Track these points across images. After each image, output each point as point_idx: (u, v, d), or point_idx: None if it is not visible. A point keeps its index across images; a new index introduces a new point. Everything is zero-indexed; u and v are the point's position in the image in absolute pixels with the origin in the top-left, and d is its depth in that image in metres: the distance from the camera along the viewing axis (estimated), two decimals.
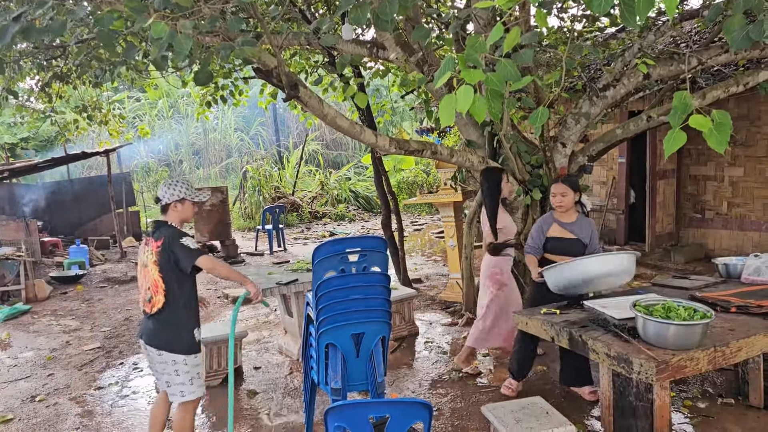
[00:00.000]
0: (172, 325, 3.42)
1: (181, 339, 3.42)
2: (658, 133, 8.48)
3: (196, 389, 3.49)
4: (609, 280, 3.92)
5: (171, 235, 3.41)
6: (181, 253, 3.35)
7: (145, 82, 10.07)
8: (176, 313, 3.42)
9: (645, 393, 3.50)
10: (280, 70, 3.73)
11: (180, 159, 20.59)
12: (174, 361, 3.42)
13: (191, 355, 3.46)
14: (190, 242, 3.39)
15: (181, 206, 3.53)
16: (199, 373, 3.54)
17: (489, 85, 2.44)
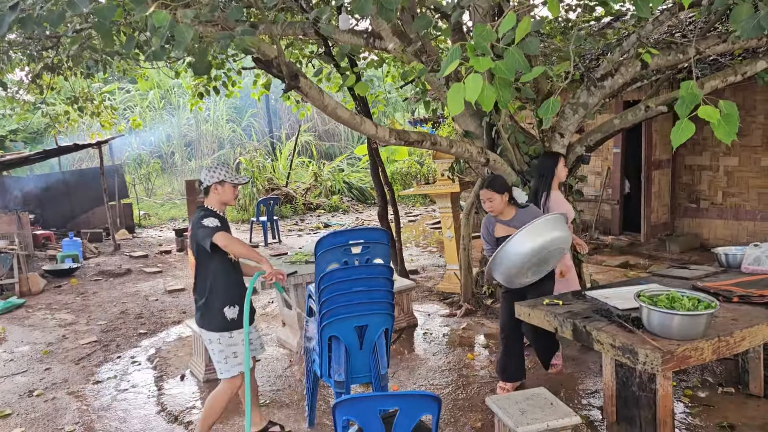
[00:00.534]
0: (203, 304, 3.57)
1: (212, 318, 3.54)
2: (653, 123, 8.48)
3: (230, 368, 3.57)
4: (549, 250, 3.89)
5: (196, 217, 3.55)
6: (201, 232, 3.44)
7: (136, 73, 9.96)
8: (205, 292, 3.55)
9: (648, 383, 3.51)
10: (281, 60, 3.68)
11: (172, 151, 20.45)
12: (209, 340, 3.59)
13: (224, 332, 3.54)
14: (209, 221, 3.47)
15: (221, 188, 3.60)
16: (236, 352, 3.57)
17: (498, 74, 2.42)
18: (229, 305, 3.54)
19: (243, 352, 3.54)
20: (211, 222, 3.46)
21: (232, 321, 3.55)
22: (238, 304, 3.57)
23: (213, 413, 3.67)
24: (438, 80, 5.75)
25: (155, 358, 5.64)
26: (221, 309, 3.52)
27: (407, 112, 22.81)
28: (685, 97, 2.54)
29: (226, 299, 3.55)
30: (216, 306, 3.53)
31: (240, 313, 3.57)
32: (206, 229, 3.42)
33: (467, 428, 3.96)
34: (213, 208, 3.61)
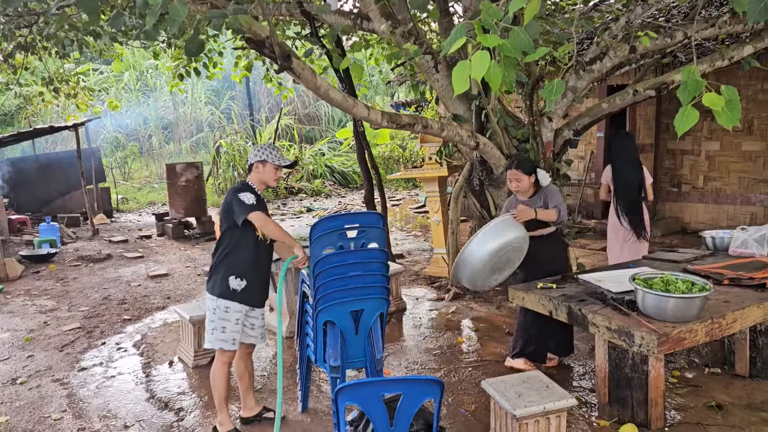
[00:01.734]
0: (213, 268, 3.63)
1: (216, 282, 3.58)
2: (637, 107, 8.54)
3: (214, 340, 3.59)
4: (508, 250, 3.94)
5: (235, 188, 3.60)
6: (237, 206, 3.49)
7: (113, 54, 9.72)
8: (219, 258, 3.60)
9: (640, 365, 3.55)
10: (273, 40, 3.60)
11: (149, 134, 20.09)
12: (207, 306, 3.64)
13: (222, 300, 3.55)
14: (246, 197, 3.51)
15: (262, 167, 3.64)
16: (224, 327, 3.57)
17: (504, 53, 2.38)
18: (235, 276, 3.57)
19: (230, 331, 3.58)
20: (248, 198, 3.51)
21: (234, 291, 3.57)
22: (246, 279, 3.59)
23: (220, 388, 3.70)
24: (427, 63, 5.70)
25: (141, 344, 5.55)
26: (227, 276, 3.56)
27: (387, 95, 22.70)
28: (687, 83, 2.52)
29: (236, 270, 3.58)
30: (223, 271, 3.57)
31: (244, 289, 3.59)
32: (242, 205, 3.48)
33: (461, 411, 3.98)
34: (252, 185, 3.66)
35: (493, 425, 3.43)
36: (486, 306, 5.99)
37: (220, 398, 3.72)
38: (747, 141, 8.20)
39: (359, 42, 7.87)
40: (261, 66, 9.51)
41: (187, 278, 7.98)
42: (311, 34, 6.61)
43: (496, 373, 4.27)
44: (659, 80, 5.95)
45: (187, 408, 4.22)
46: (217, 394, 3.71)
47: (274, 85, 9.75)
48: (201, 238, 10.61)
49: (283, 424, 3.91)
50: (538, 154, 5.89)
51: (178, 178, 10.94)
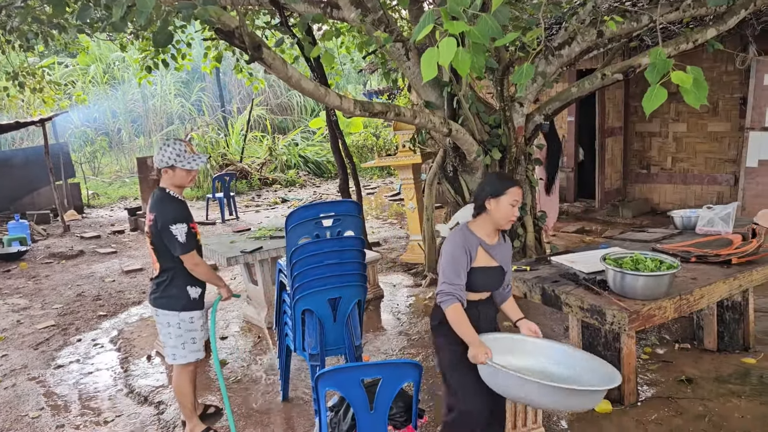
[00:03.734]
0: (166, 285, 3.44)
1: (176, 296, 3.44)
2: (606, 91, 8.66)
3: (188, 354, 3.51)
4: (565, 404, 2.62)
5: (163, 216, 3.32)
6: (170, 241, 3.33)
7: (78, 47, 9.52)
8: (170, 275, 3.43)
9: (613, 342, 3.65)
10: (243, 30, 3.57)
11: (118, 127, 19.74)
12: (168, 323, 3.46)
13: (185, 312, 3.46)
14: (180, 232, 3.31)
15: (171, 172, 3.39)
16: (194, 338, 3.52)
17: (471, 39, 2.41)
18: (191, 285, 3.48)
19: (199, 339, 3.53)
20: (181, 234, 3.30)
21: (194, 300, 3.50)
22: (200, 285, 3.53)
23: (186, 397, 3.62)
24: (398, 50, 5.71)
25: (118, 339, 5.51)
26: (185, 287, 3.45)
27: (359, 84, 22.62)
28: (655, 63, 2.58)
29: (191, 279, 3.47)
30: (180, 284, 3.44)
31: (200, 294, 3.54)
32: (175, 242, 3.31)
33: (439, 394, 4.04)
34: (171, 192, 3.42)
35: None
36: None
37: (190, 407, 3.62)
38: (712, 122, 8.39)
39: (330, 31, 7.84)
40: (231, 56, 9.41)
41: None
42: (281, 23, 6.56)
43: None
44: (627, 64, 6.06)
45: (167, 401, 4.22)
46: (186, 404, 3.61)
47: (245, 76, 9.65)
48: None
49: (266, 414, 3.94)
50: (509, 139, 5.96)
51: (150, 172, 10.79)
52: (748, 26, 7.25)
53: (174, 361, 3.54)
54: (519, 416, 3.30)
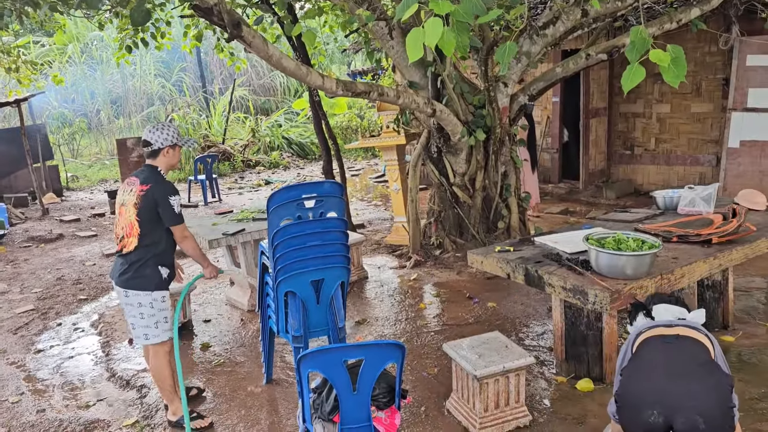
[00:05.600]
0: (140, 264, 3.42)
1: (146, 276, 3.43)
2: (591, 72, 8.65)
3: (161, 333, 3.50)
4: None
5: (161, 187, 3.41)
6: (165, 211, 3.40)
7: (55, 25, 9.28)
8: (145, 254, 3.43)
9: (595, 322, 3.67)
10: (222, 7, 3.49)
11: (97, 108, 19.38)
12: (140, 303, 3.44)
13: (158, 292, 3.47)
14: (176, 203, 3.44)
15: (172, 152, 3.53)
16: (166, 317, 3.52)
17: (456, 18, 2.37)
18: (162, 265, 3.51)
19: (170, 317, 3.54)
20: (177, 206, 3.43)
21: (164, 280, 3.53)
22: (169, 267, 3.56)
23: (165, 379, 3.60)
24: (382, 29, 5.64)
25: (99, 323, 5.45)
26: (157, 267, 3.47)
27: (343, 64, 22.39)
28: (635, 42, 2.57)
29: (163, 260, 3.52)
30: (153, 263, 3.46)
31: (168, 275, 3.55)
32: (171, 212, 3.40)
33: (423, 375, 4.05)
34: (161, 170, 3.51)
35: (455, 386, 3.51)
36: (447, 272, 6.07)
37: (170, 389, 3.62)
38: (695, 103, 8.43)
39: (312, 9, 7.71)
40: (212, 36, 9.23)
41: None
42: (261, 0, 6.45)
43: (458, 336, 4.35)
44: (611, 44, 6.04)
45: (149, 384, 4.19)
46: (165, 386, 3.60)
47: (226, 56, 9.49)
48: None
49: (250, 396, 3.92)
50: (494, 120, 5.93)
51: (130, 153, 10.64)
52: (732, 6, 7.26)
53: (147, 341, 3.51)
54: (501, 396, 3.31)
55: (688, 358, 2.36)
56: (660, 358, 2.39)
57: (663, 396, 2.28)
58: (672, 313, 2.60)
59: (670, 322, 2.51)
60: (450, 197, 6.35)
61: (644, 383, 2.36)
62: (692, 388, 2.26)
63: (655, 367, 2.37)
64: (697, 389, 2.26)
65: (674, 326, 2.48)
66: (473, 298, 5.35)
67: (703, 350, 2.39)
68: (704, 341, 2.42)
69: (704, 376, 2.30)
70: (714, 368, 2.33)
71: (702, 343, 2.41)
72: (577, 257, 3.69)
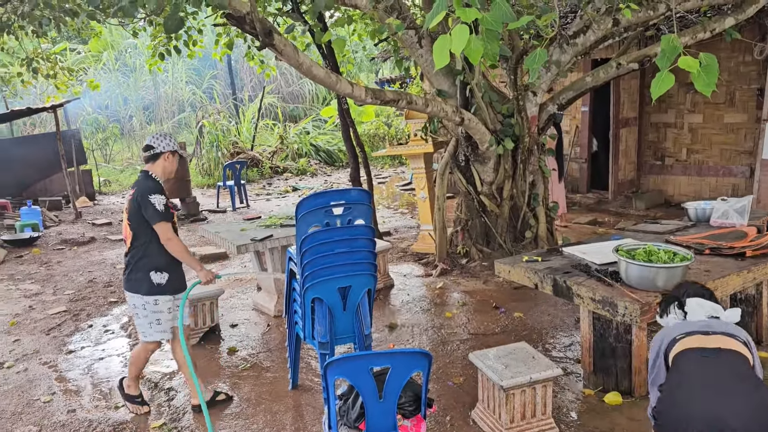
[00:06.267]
0: (134, 267, 3.62)
1: (139, 280, 3.60)
2: (621, 81, 8.55)
3: (154, 333, 3.70)
4: None
5: (144, 187, 3.56)
6: (147, 209, 3.51)
7: (91, 33, 9.52)
8: (138, 257, 3.60)
9: (624, 334, 3.62)
10: (254, 16, 3.54)
11: (130, 114, 19.79)
12: (134, 305, 3.67)
13: (150, 296, 3.61)
14: (158, 201, 3.52)
15: (171, 158, 3.70)
16: (159, 319, 3.67)
17: (485, 25, 2.37)
18: (155, 270, 3.61)
19: (164, 320, 3.68)
20: (159, 204, 3.51)
21: (158, 286, 3.62)
22: (166, 271, 3.64)
23: (136, 367, 3.90)
24: (411, 38, 5.66)
25: (129, 326, 5.54)
26: (148, 272, 3.59)
27: (371, 72, 22.51)
28: (665, 50, 2.55)
29: (155, 264, 3.61)
30: (144, 269, 3.59)
31: (168, 280, 3.65)
32: (152, 210, 3.49)
33: (449, 384, 4.03)
34: (157, 178, 3.65)
35: (481, 396, 3.49)
36: (473, 281, 6.04)
37: (137, 372, 3.90)
38: (729, 113, 8.27)
39: (342, 17, 7.79)
40: (243, 44, 9.37)
41: None
42: (293, 9, 6.52)
43: (484, 346, 4.32)
44: (642, 53, 5.98)
45: (177, 387, 4.24)
46: (135, 369, 3.89)
47: (257, 63, 9.63)
48: (186, 220, 10.54)
49: (276, 401, 3.95)
50: (522, 129, 5.91)
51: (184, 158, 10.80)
52: (767, 15, 7.12)
53: (144, 338, 3.76)
54: (528, 407, 3.28)
55: (730, 374, 2.30)
56: (701, 375, 2.33)
57: (707, 418, 2.22)
58: (705, 310, 2.55)
59: (708, 328, 2.45)
60: (477, 206, 6.33)
61: (687, 404, 2.29)
62: (736, 407, 2.21)
63: (697, 386, 2.30)
64: (741, 408, 2.20)
65: (712, 334, 2.41)
66: (499, 307, 5.31)
67: (743, 362, 2.34)
68: (743, 351, 2.36)
69: (747, 392, 2.25)
70: (757, 383, 2.27)
71: (742, 355, 2.36)
72: (606, 268, 3.65)
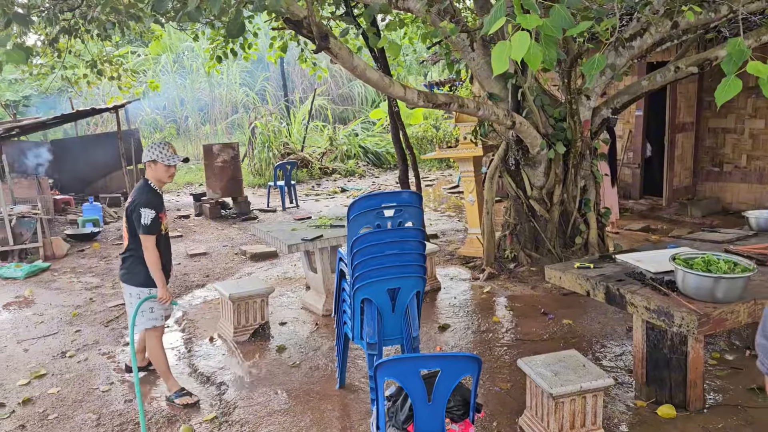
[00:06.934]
0: (130, 263, 4.01)
1: (136, 274, 3.98)
2: (678, 85, 8.32)
3: (144, 321, 4.05)
4: None
5: (137, 198, 3.91)
6: (137, 220, 3.88)
7: (153, 36, 9.87)
8: (135, 256, 3.97)
9: (679, 346, 3.52)
10: (311, 20, 3.62)
11: (186, 115, 20.39)
12: (129, 294, 4.03)
13: (144, 288, 3.99)
14: (146, 215, 3.86)
15: (154, 166, 3.96)
16: (152, 308, 4.04)
17: (544, 32, 2.36)
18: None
19: (157, 309, 4.06)
20: (148, 217, 3.84)
21: (152, 279, 3.97)
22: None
23: (160, 360, 4.15)
24: (463, 41, 5.66)
25: (183, 320, 5.72)
26: (145, 267, 3.94)
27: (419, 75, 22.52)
28: (732, 54, 2.49)
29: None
30: (139, 262, 3.95)
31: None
32: (139, 222, 3.84)
33: (496, 390, 4.01)
34: (152, 183, 3.98)
35: (529, 403, 3.46)
36: (521, 286, 5.99)
37: (164, 368, 4.15)
38: None
39: (394, 21, 7.84)
40: (296, 47, 9.55)
41: (225, 257, 8.16)
42: (346, 13, 6.61)
43: (532, 352, 4.28)
44: (702, 56, 5.80)
45: (228, 382, 4.35)
46: (161, 366, 4.15)
47: (309, 66, 9.79)
48: (238, 218, 10.79)
49: (323, 399, 4.01)
50: (575, 133, 5.82)
51: (215, 158, 11.12)
52: None
53: (140, 326, 4.08)
54: (578, 416, 3.23)
55: None
56: None
57: None
58: None
59: None
60: (526, 210, 6.27)
61: None
62: None
63: None
64: None
65: None
66: (548, 313, 5.25)
67: None
68: None
69: None
70: None
71: None
72: (662, 277, 3.57)
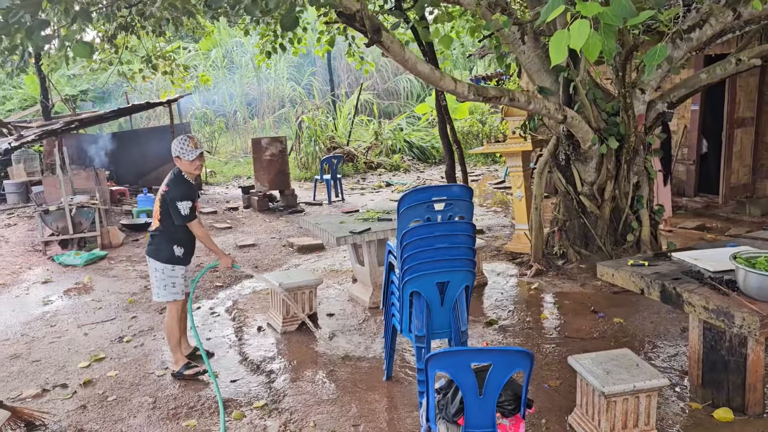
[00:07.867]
0: (158, 241, 4.36)
1: (162, 251, 4.34)
2: (738, 78, 8.01)
3: (166, 294, 4.40)
4: None
5: (173, 192, 4.23)
6: (174, 213, 4.22)
7: (205, 32, 10.09)
8: (163, 235, 4.33)
9: (738, 348, 3.41)
10: (363, 13, 3.64)
11: (234, 109, 20.76)
12: (155, 269, 4.38)
13: (168, 264, 4.35)
14: (183, 207, 4.21)
15: (179, 161, 4.30)
16: (174, 283, 4.39)
17: (604, 20, 2.32)
18: (178, 245, 4.37)
19: (179, 285, 4.41)
20: (185, 208, 4.20)
21: (177, 257, 4.37)
22: (184, 247, 4.41)
23: (173, 334, 4.47)
24: (513, 34, 5.59)
25: (233, 309, 5.85)
26: (171, 246, 4.33)
27: (465, 69, 22.33)
28: None
29: (179, 241, 4.36)
30: (167, 241, 4.33)
31: (184, 253, 4.41)
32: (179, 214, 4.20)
33: (544, 387, 3.97)
34: (184, 174, 4.31)
35: (579, 401, 3.41)
36: (570, 283, 5.89)
37: (175, 343, 4.46)
38: None
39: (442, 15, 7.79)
40: (343, 41, 9.60)
41: (273, 248, 8.30)
42: (395, 7, 6.61)
43: (581, 350, 4.22)
44: (766, 48, 5.57)
45: (277, 371, 4.44)
46: (172, 341, 4.46)
47: (356, 60, 9.83)
48: (285, 211, 10.94)
49: (370, 390, 4.04)
50: (628, 127, 5.68)
51: (263, 152, 11.30)
52: None
53: (158, 298, 4.48)
54: (630, 416, 3.17)
55: None
56: None
57: None
58: None
59: None
60: (576, 206, 6.16)
61: None
62: None
63: None
64: None
65: None
66: (598, 312, 5.15)
67: None
68: None
69: None
70: None
71: None
72: (721, 276, 3.46)
